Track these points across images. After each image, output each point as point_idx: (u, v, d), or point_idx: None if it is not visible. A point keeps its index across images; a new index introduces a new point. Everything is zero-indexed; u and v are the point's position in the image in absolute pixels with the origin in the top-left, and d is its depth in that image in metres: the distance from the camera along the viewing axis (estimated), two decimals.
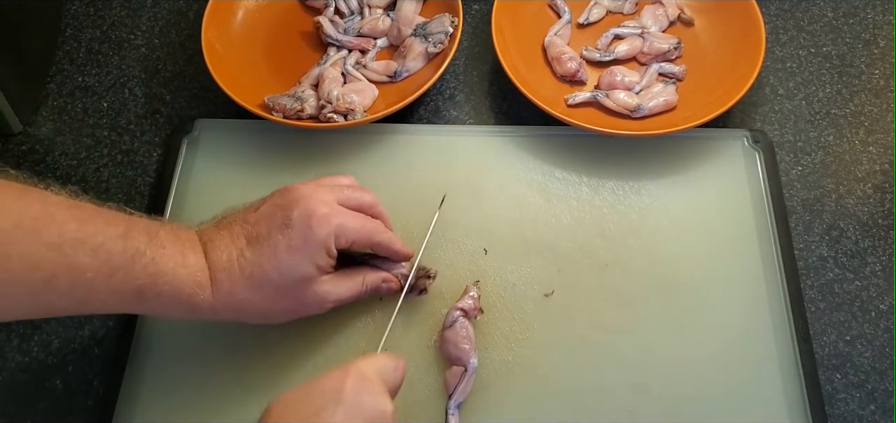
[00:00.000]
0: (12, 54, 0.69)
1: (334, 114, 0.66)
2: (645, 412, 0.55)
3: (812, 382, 0.56)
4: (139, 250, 0.47)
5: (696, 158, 0.67)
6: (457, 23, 0.71)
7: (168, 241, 0.49)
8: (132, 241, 0.47)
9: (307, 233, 0.51)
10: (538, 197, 0.65)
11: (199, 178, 0.67)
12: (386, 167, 0.67)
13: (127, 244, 0.47)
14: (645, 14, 0.75)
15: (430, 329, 0.58)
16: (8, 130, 0.70)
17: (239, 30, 0.74)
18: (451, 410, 0.54)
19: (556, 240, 0.63)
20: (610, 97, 0.68)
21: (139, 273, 0.47)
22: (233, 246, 0.51)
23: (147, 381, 0.57)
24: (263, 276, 0.51)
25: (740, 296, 0.60)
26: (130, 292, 0.48)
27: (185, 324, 0.59)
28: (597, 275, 0.61)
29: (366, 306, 0.59)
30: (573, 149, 0.67)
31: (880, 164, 0.68)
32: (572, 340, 0.58)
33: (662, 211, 0.64)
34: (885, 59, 0.74)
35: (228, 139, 0.69)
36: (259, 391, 0.56)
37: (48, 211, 0.46)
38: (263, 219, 0.52)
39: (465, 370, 0.55)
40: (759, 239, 0.62)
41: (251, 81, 0.70)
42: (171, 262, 0.49)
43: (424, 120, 0.71)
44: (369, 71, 0.71)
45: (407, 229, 0.63)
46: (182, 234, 0.51)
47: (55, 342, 0.60)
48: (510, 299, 0.60)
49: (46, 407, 0.57)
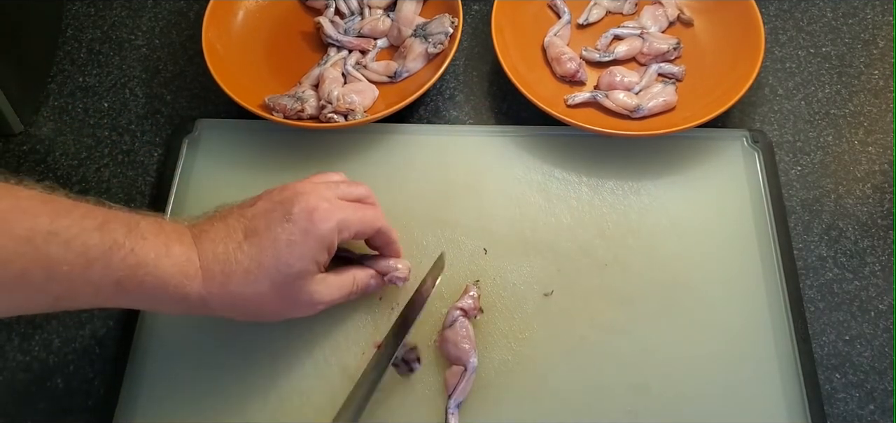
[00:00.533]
0: (13, 54, 0.70)
1: (335, 114, 0.66)
2: (644, 411, 0.55)
3: (811, 381, 0.56)
4: (117, 241, 0.46)
5: (695, 159, 0.67)
6: (457, 23, 0.71)
7: (150, 232, 0.48)
8: (109, 233, 0.46)
9: (309, 227, 0.51)
10: (538, 197, 0.65)
11: (200, 178, 0.67)
12: (386, 167, 0.67)
13: (104, 236, 0.46)
14: (644, 14, 0.75)
15: (430, 329, 0.59)
16: (8, 130, 0.70)
17: (239, 30, 0.74)
18: (451, 409, 0.54)
19: (556, 240, 0.63)
20: (610, 97, 0.68)
21: (118, 265, 0.46)
22: (229, 239, 0.51)
23: (148, 381, 0.57)
24: (261, 270, 0.50)
25: (739, 296, 0.60)
26: (110, 284, 0.46)
27: (186, 324, 0.59)
28: (596, 275, 0.61)
29: (367, 303, 0.59)
30: (573, 149, 0.68)
31: (879, 164, 0.68)
32: (572, 339, 0.58)
33: (662, 211, 0.64)
34: (884, 59, 0.75)
35: (229, 139, 0.69)
36: (261, 391, 0.56)
37: (19, 205, 0.45)
38: (262, 214, 0.52)
39: (464, 370, 0.55)
40: (759, 239, 0.62)
41: (252, 81, 0.70)
42: (153, 252, 0.48)
43: (424, 120, 0.71)
44: (369, 71, 0.72)
45: (407, 228, 0.63)
46: (166, 226, 0.50)
47: (56, 342, 0.60)
48: (510, 298, 0.60)
49: (47, 407, 0.58)
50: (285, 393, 0.56)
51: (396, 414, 0.55)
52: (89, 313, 0.61)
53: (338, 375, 0.57)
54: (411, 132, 0.69)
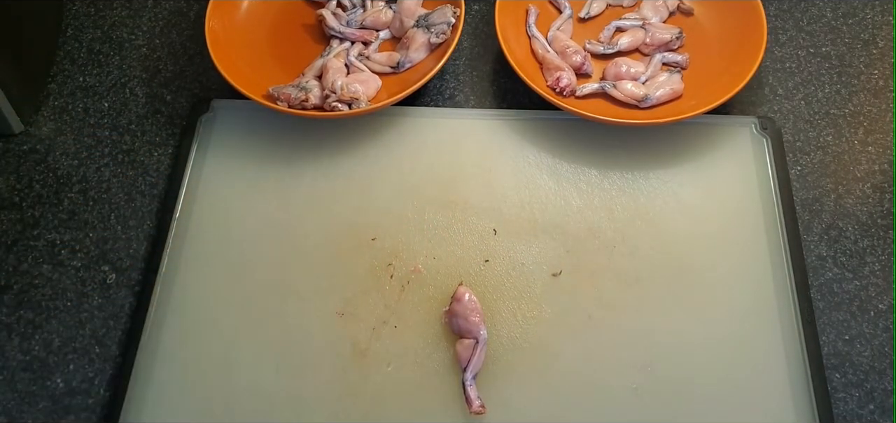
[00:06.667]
0: (13, 54, 0.70)
1: (339, 103, 0.66)
2: (649, 389, 0.56)
3: (816, 365, 0.56)
4: None
5: (704, 145, 0.67)
6: (459, 13, 0.71)
7: None
8: None
9: None
10: (547, 179, 0.66)
11: (214, 160, 0.68)
12: (398, 149, 0.68)
13: None
14: (645, 6, 0.75)
15: (438, 305, 0.59)
16: (9, 130, 0.70)
17: (242, 22, 0.74)
18: (469, 381, 0.55)
19: (565, 221, 0.64)
20: (618, 88, 0.68)
21: None
22: None
23: (154, 382, 0.57)
24: None
25: (746, 279, 0.60)
26: None
27: (191, 325, 0.59)
28: (605, 256, 0.62)
29: (377, 281, 0.61)
30: (582, 133, 0.68)
31: (879, 164, 0.68)
32: (580, 319, 0.59)
33: (671, 195, 0.65)
34: (884, 59, 0.75)
35: (242, 124, 0.70)
36: (264, 391, 0.57)
37: None
38: None
39: (476, 342, 0.56)
40: (766, 225, 0.63)
41: (254, 72, 0.70)
42: None
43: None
44: (372, 62, 0.72)
45: (416, 209, 0.64)
46: None
47: (56, 341, 0.60)
48: (519, 278, 0.61)
49: (47, 406, 0.58)
50: (294, 385, 0.57)
51: (410, 390, 0.56)
52: (89, 312, 0.61)
53: (349, 351, 0.58)
54: (421, 116, 0.70)
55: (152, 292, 0.61)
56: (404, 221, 0.64)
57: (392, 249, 0.62)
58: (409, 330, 0.59)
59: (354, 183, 0.66)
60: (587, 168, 0.66)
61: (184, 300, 0.60)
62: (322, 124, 0.69)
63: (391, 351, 0.58)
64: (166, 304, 0.60)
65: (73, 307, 0.62)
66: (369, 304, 0.60)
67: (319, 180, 0.66)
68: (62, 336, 0.60)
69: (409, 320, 0.59)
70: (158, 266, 0.62)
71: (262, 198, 0.65)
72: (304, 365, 0.57)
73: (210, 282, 0.61)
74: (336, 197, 0.65)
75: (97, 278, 0.63)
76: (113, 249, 0.64)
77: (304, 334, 0.59)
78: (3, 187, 0.68)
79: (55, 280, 0.63)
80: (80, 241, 0.65)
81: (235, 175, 0.67)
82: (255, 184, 0.66)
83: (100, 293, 0.62)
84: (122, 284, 0.63)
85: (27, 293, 0.62)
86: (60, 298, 0.62)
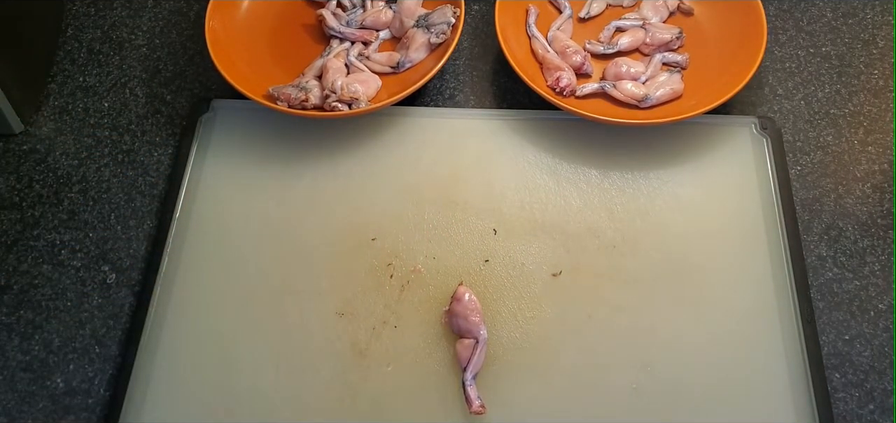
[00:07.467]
0: (13, 54, 0.70)
1: (339, 103, 0.66)
2: (649, 389, 0.56)
3: (815, 362, 0.56)
4: None
5: (704, 145, 0.67)
6: (459, 13, 0.71)
7: None
8: None
9: None
10: (547, 179, 0.66)
11: (213, 162, 0.68)
12: (398, 149, 0.68)
13: None
14: (645, 6, 0.75)
15: (438, 305, 0.59)
16: (9, 130, 0.70)
17: (242, 22, 0.74)
18: (469, 382, 0.55)
19: (565, 221, 0.64)
20: (618, 88, 0.68)
21: None
22: None
23: (154, 382, 0.57)
24: None
25: (746, 279, 0.60)
26: None
27: (191, 325, 0.59)
28: (604, 255, 0.62)
29: (377, 281, 0.60)
30: (582, 133, 0.68)
31: (879, 164, 0.68)
32: (579, 318, 0.59)
33: (670, 195, 0.65)
34: (884, 59, 0.75)
35: (241, 124, 0.70)
36: (264, 391, 0.57)
37: None
38: None
39: (476, 342, 0.56)
40: (766, 223, 0.63)
41: (254, 72, 0.70)
42: None
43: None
44: (372, 62, 0.72)
45: (418, 208, 0.64)
46: None
47: (56, 341, 0.60)
48: (519, 278, 0.61)
49: (47, 406, 0.58)
50: (294, 385, 0.57)
51: (410, 390, 0.56)
52: (89, 312, 0.61)
53: (349, 351, 0.58)
54: (421, 115, 0.70)
55: (152, 292, 0.61)
56: (404, 221, 0.64)
57: (392, 249, 0.62)
58: (409, 330, 0.59)
59: (354, 183, 0.66)
60: (587, 168, 0.66)
61: (184, 300, 0.60)
62: (322, 124, 0.69)
63: (391, 351, 0.58)
64: (166, 304, 0.60)
65: (73, 307, 0.62)
66: (369, 304, 0.60)
67: (319, 180, 0.66)
68: (62, 336, 0.60)
69: (409, 320, 0.59)
70: (158, 266, 0.62)
71: (262, 198, 0.65)
72: (304, 365, 0.57)
73: (210, 282, 0.61)
74: (336, 197, 0.65)
75: (97, 278, 0.63)
76: (113, 249, 0.64)
77: (304, 335, 0.59)
78: (3, 187, 0.68)
79: (55, 280, 0.63)
80: (80, 241, 0.65)
81: (235, 175, 0.67)
82: (255, 184, 0.66)
83: (100, 293, 0.62)
84: (122, 284, 0.63)
85: (27, 293, 0.62)
86: (60, 298, 0.62)
